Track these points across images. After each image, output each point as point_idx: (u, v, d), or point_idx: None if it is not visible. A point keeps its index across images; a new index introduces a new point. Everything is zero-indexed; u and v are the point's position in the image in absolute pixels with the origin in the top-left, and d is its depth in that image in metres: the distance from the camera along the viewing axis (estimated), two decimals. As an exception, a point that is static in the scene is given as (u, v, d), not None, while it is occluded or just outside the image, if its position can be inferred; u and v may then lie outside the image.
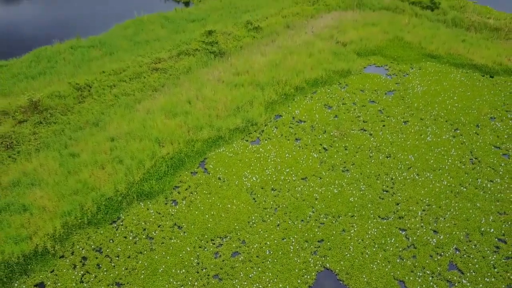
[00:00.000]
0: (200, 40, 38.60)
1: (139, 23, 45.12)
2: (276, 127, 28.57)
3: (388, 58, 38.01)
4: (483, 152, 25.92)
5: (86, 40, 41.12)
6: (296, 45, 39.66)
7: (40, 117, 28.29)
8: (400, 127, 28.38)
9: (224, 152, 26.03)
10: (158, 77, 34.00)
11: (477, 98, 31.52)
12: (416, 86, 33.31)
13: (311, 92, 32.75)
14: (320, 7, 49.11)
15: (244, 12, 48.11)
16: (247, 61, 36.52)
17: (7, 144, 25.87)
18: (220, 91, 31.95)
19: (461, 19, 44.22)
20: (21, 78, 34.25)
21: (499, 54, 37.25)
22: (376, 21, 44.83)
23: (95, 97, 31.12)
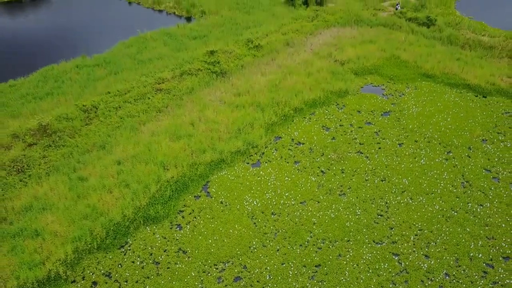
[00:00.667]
0: (203, 60, 39.77)
1: (142, 40, 46.35)
2: (276, 149, 29.73)
3: (384, 77, 39.18)
4: (474, 175, 27.06)
5: (91, 59, 42.37)
6: (295, 64, 40.86)
7: (49, 140, 29.46)
8: (395, 150, 29.52)
9: (226, 175, 27.18)
10: (162, 98, 35.17)
11: (470, 120, 32.66)
12: (411, 107, 34.46)
13: (309, 113, 33.91)
14: (319, 23, 50.28)
15: (245, 29, 49.30)
16: (247, 81, 37.72)
17: (18, 168, 27.03)
18: (222, 112, 33.13)
19: (456, 37, 45.36)
20: (29, 99, 35.47)
21: (492, 74, 38.39)
22: (374, 38, 46.03)
23: (101, 119, 32.30)
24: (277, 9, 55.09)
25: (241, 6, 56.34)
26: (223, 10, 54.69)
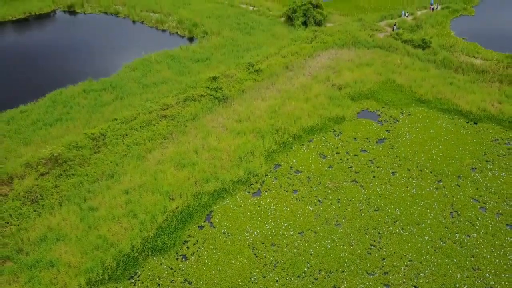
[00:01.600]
0: (205, 86, 41.39)
1: (147, 63, 48.03)
2: (276, 178, 31.32)
3: (380, 102, 40.78)
4: (462, 205, 28.61)
5: (97, 83, 44.02)
6: (294, 88, 42.50)
7: (60, 170, 31.07)
8: (389, 179, 31.09)
9: (228, 205, 28.78)
10: (166, 125, 36.79)
11: (461, 147, 34.23)
12: (405, 133, 36.06)
13: (307, 140, 35.52)
14: (317, 45, 51.92)
15: (246, 51, 50.97)
16: (248, 106, 39.35)
17: (32, 199, 28.64)
18: (224, 139, 34.75)
19: (450, 60, 46.98)
20: (40, 126, 37.11)
21: (484, 99, 39.96)
22: (370, 61, 47.67)
23: (109, 147, 33.92)
24: (277, 30, 56.77)
25: (241, 26, 58.02)
26: (225, 31, 56.35)
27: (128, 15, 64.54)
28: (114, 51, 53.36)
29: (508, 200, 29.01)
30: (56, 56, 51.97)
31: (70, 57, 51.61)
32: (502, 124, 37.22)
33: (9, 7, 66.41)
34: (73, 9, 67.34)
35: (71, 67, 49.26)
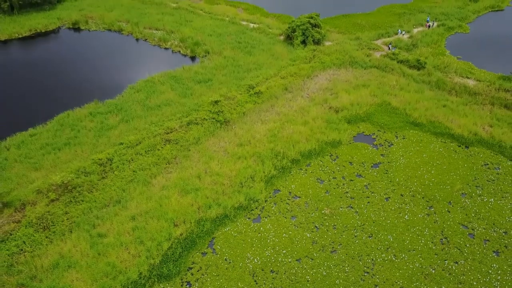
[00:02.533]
0: (207, 109, 42.98)
1: (150, 84, 49.63)
2: (275, 203, 32.89)
3: (375, 125, 42.35)
4: (452, 231, 30.16)
5: (103, 105, 45.64)
6: (293, 111, 44.09)
7: (70, 196, 32.65)
8: (382, 204, 32.65)
9: (230, 231, 30.34)
10: (170, 149, 38.37)
11: (452, 172, 35.79)
12: (399, 158, 37.62)
13: (305, 165, 37.10)
14: (316, 65, 53.53)
15: (246, 71, 52.55)
16: (249, 130, 40.95)
17: (44, 225, 30.22)
18: (226, 164, 36.34)
19: (443, 82, 48.55)
20: (49, 150, 38.70)
21: (475, 123, 41.52)
22: (367, 82, 49.29)
23: (116, 172, 35.51)
24: (277, 49, 58.36)
25: (242, 45, 59.61)
26: (226, 50, 57.96)
27: (131, 32, 66.14)
28: (118, 71, 54.93)
29: (495, 227, 30.55)
30: (62, 76, 53.53)
31: (76, 77, 53.15)
32: (492, 148, 38.77)
33: (15, 25, 68.07)
34: (78, 26, 68.95)
35: (77, 87, 50.80)
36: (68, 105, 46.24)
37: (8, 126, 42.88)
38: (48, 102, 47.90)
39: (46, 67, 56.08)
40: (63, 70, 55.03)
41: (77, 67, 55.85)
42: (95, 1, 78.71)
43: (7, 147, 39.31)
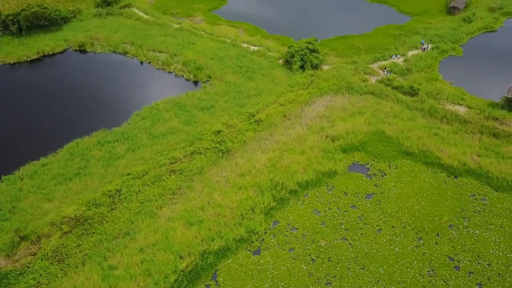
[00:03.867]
0: (210, 139, 45.24)
1: (155, 111, 51.89)
2: (274, 235, 35.10)
3: (370, 154, 44.56)
4: (439, 264, 32.33)
5: (111, 134, 47.90)
6: (291, 140, 46.34)
7: (82, 229, 34.89)
8: (375, 236, 34.84)
9: (231, 264, 32.56)
10: (175, 179, 40.59)
11: (441, 203, 37.99)
12: (391, 188, 39.83)
13: (303, 195, 39.32)
14: (313, 91, 55.76)
15: (247, 97, 54.78)
16: (249, 159, 43.19)
17: (58, 258, 32.44)
18: (227, 195, 38.57)
19: (436, 109, 50.76)
20: (61, 180, 40.96)
21: (464, 153, 43.71)
22: (362, 109, 51.52)
23: (124, 204, 37.75)
24: (276, 74, 60.59)
25: (243, 69, 61.85)
26: (227, 75, 60.21)
27: (136, 55, 68.35)
28: (124, 96, 57.11)
29: (479, 259, 32.74)
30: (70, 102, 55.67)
31: (84, 103, 55.29)
32: (479, 178, 40.96)
33: (24, 47, 70.29)
34: (84, 48, 71.12)
35: (85, 113, 52.99)
36: (77, 132, 48.52)
37: (20, 154, 45.09)
38: (57, 128, 50.07)
39: (54, 92, 58.22)
40: (71, 96, 57.19)
41: (85, 93, 58.01)
42: (100, 22, 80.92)
43: (21, 177, 41.57)
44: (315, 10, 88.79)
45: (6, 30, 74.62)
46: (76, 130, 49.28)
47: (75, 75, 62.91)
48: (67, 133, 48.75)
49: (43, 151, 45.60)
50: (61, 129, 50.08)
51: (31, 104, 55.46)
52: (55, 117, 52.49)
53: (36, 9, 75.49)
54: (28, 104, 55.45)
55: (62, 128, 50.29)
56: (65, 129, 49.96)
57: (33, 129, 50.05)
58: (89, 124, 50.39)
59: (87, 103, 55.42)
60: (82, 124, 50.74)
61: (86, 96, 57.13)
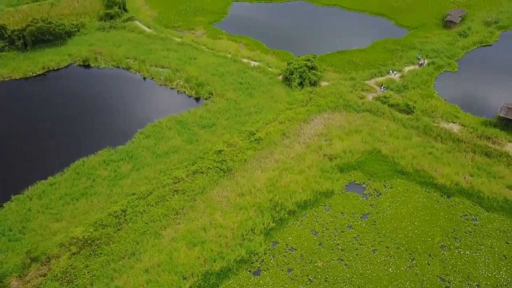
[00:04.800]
0: (212, 158, 46.86)
1: (158, 130, 53.52)
2: (273, 256, 36.68)
3: (366, 174, 46.13)
4: (430, 284, 33.90)
5: (115, 152, 49.53)
6: (290, 158, 47.95)
7: (90, 250, 36.49)
8: (370, 257, 36.42)
9: (232, 285, 34.14)
10: (178, 200, 42.18)
11: (433, 224, 39.56)
12: (386, 208, 41.40)
13: (301, 215, 40.91)
14: (312, 108, 57.36)
15: (247, 115, 56.40)
16: (250, 179, 44.80)
17: (68, 279, 34.03)
18: (228, 215, 40.17)
19: (430, 128, 52.35)
20: (68, 200, 42.57)
21: (457, 172, 45.28)
22: (359, 127, 53.13)
23: (130, 224, 39.34)
24: (276, 90, 62.22)
25: (244, 86, 63.48)
26: (228, 92, 61.84)
27: (139, 70, 70.00)
28: (128, 113, 58.65)
29: (469, 280, 34.30)
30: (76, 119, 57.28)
31: (89, 120, 56.93)
32: (471, 198, 42.53)
33: (29, 62, 71.99)
34: (88, 63, 72.81)
35: (90, 130, 54.63)
36: (83, 150, 50.16)
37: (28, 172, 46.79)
38: (64, 146, 51.65)
39: (60, 109, 59.83)
40: (76, 112, 58.80)
41: (90, 109, 59.64)
42: (104, 36, 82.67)
43: (30, 197, 43.18)
44: (315, 23, 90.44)
45: (11, 45, 76.41)
46: (82, 148, 50.97)
47: (79, 91, 64.54)
48: (74, 151, 50.41)
49: (51, 169, 47.23)
50: (67, 146, 51.71)
51: (38, 121, 57.06)
52: (62, 134, 54.12)
53: (41, 24, 77.24)
54: (35, 121, 57.06)
55: (68, 145, 51.92)
56: (72, 146, 51.61)
57: (40, 147, 51.63)
58: (95, 142, 52.09)
59: (93, 120, 57.05)
60: (88, 141, 52.41)
61: (91, 113, 58.75)
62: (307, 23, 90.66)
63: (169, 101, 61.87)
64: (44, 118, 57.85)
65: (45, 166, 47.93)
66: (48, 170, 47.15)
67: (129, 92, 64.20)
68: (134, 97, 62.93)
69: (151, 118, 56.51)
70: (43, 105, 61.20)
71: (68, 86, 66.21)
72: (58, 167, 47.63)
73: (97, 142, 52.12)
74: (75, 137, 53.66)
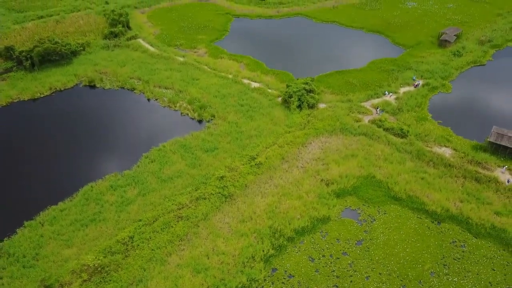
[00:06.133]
0: (214, 184, 49.20)
1: (163, 154, 55.87)
2: (273, 283, 38.96)
3: (361, 199, 48.44)
4: (420, 312, 36.20)
5: (122, 177, 51.84)
6: (288, 183, 50.28)
7: (100, 277, 38.79)
8: (363, 283, 38.69)
9: (234, 312, 36.45)
10: (182, 226, 44.49)
11: (424, 251, 41.83)
12: (380, 235, 43.68)
13: (299, 242, 43.19)
14: (309, 132, 59.71)
15: (248, 138, 58.78)
16: (250, 205, 47.13)
17: (80, 306, 36.35)
18: (230, 242, 42.47)
19: (423, 153, 54.69)
20: (78, 226, 44.87)
21: (448, 198, 47.59)
22: (355, 151, 55.47)
23: (137, 251, 41.65)
24: (275, 113, 64.57)
25: (244, 108, 65.85)
26: (230, 114, 64.22)
27: (143, 91, 72.37)
28: (134, 137, 60.92)
29: (456, 307, 36.60)
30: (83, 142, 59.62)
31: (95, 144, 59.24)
32: (460, 224, 44.82)
33: (37, 83, 74.39)
34: (94, 83, 75.19)
35: (97, 154, 56.98)
36: (91, 174, 52.55)
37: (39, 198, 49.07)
38: (72, 171, 53.90)
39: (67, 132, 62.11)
40: (83, 135, 61.11)
41: (96, 132, 61.96)
42: (108, 55, 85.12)
43: (42, 223, 45.48)
44: (314, 40, 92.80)
45: (19, 65, 78.87)
46: (90, 171, 53.40)
47: (86, 113, 66.85)
48: (82, 174, 52.79)
49: (60, 194, 49.52)
50: (76, 170, 54.02)
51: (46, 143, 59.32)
52: (71, 157, 56.41)
53: (48, 45, 79.70)
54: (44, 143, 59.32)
55: (77, 169, 54.22)
56: (80, 170, 53.92)
57: (50, 170, 53.93)
58: (102, 165, 54.53)
59: (100, 143, 59.38)
60: (95, 165, 54.80)
61: (98, 135, 61.08)
62: (306, 41, 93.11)
63: (173, 124, 64.20)
64: (53, 140, 60.14)
65: (55, 190, 50.21)
66: (58, 194, 49.43)
67: (135, 114, 66.52)
68: (139, 119, 65.26)
69: (155, 141, 58.87)
70: (51, 127, 63.49)
71: (75, 108, 68.50)
72: (68, 191, 49.93)
73: (105, 165, 54.54)
74: (83, 160, 55.97)
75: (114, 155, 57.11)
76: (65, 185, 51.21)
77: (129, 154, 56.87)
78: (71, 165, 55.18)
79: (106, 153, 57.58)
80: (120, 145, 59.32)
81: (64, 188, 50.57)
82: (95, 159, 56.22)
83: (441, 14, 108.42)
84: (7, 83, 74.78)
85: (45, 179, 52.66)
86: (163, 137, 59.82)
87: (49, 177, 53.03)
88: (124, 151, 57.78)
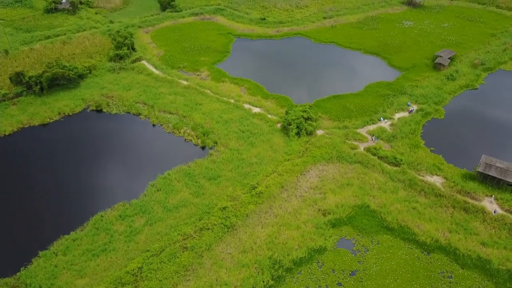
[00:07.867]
0: (217, 215, 52.20)
1: (168, 182, 58.89)
2: (272, 313, 41.93)
3: (355, 229, 51.40)
4: None
5: (130, 206, 54.82)
6: (287, 213, 53.29)
7: (112, 308, 41.77)
8: (356, 315, 41.66)
9: None
10: (187, 256, 47.45)
11: (413, 281, 44.75)
12: (373, 265, 46.62)
13: (297, 272, 46.15)
14: (307, 160, 62.73)
15: (249, 165, 61.84)
16: (251, 235, 50.13)
17: (94, 337, 39.27)
18: (233, 272, 45.43)
19: (415, 182, 57.68)
20: (90, 257, 47.84)
21: (437, 229, 50.54)
22: (351, 179, 58.51)
23: (145, 282, 44.61)
24: (275, 140, 67.65)
25: (245, 134, 68.91)
26: (232, 141, 67.27)
27: (148, 116, 75.38)
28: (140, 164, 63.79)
29: (442, 337, 39.49)
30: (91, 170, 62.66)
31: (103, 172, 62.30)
32: (448, 255, 47.74)
33: (46, 107, 77.41)
34: (100, 108, 78.26)
35: (106, 183, 59.98)
36: (100, 203, 55.55)
37: (53, 226, 52.06)
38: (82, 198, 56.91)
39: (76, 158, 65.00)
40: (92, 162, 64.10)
41: (103, 159, 64.98)
42: (114, 78, 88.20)
43: (55, 252, 48.44)
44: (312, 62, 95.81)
45: (29, 89, 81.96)
46: (99, 200, 56.39)
47: (94, 140, 69.82)
48: (91, 203, 55.83)
49: (72, 223, 52.45)
50: (85, 199, 57.00)
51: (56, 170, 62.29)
52: (80, 185, 59.37)
53: (56, 69, 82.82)
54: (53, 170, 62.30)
55: (86, 197, 57.21)
56: (89, 199, 56.92)
57: (62, 199, 56.88)
58: (110, 193, 57.51)
59: (108, 171, 62.40)
60: (104, 193, 57.79)
61: (106, 163, 64.09)
62: (305, 63, 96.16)
63: (177, 150, 67.18)
64: (62, 167, 63.09)
65: (67, 219, 53.15)
66: (69, 223, 52.40)
67: (141, 141, 69.51)
68: (145, 145, 68.25)
69: (161, 168, 61.83)
70: (61, 154, 66.43)
71: (84, 134, 71.41)
72: (79, 220, 52.89)
73: (113, 193, 57.51)
74: (93, 188, 58.99)
75: (122, 182, 60.10)
76: (76, 214, 54.19)
77: (136, 181, 59.86)
78: (81, 193, 58.17)
79: (114, 180, 60.56)
80: (127, 172, 62.32)
81: (75, 217, 53.56)
82: (104, 187, 59.22)
83: (436, 34, 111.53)
84: (18, 108, 77.89)
85: (57, 208, 55.62)
86: (168, 164, 62.83)
87: (61, 205, 55.99)
88: (131, 179, 60.78)
